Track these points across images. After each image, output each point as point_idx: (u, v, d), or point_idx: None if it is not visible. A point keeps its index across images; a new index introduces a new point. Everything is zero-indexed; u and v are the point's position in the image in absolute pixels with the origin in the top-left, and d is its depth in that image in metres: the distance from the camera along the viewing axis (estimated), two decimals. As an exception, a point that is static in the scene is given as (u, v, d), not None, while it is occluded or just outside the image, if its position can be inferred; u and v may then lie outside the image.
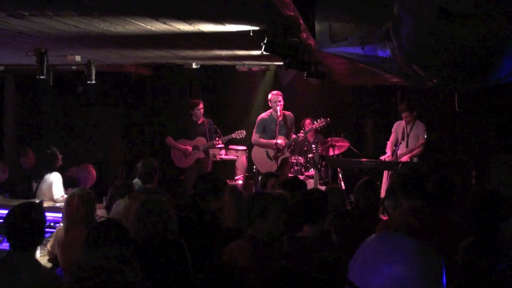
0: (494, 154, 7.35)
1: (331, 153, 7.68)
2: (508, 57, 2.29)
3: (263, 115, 7.49)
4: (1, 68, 7.59)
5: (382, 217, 4.62)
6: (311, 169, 7.48)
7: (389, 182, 7.07)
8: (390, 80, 6.76)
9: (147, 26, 4.01)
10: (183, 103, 8.59)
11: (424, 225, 3.24)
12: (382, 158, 7.39)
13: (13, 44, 4.98)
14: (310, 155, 7.48)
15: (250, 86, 9.03)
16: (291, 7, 3.01)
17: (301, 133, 7.39)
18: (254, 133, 7.45)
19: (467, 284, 2.79)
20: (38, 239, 2.97)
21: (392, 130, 7.46)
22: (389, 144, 7.44)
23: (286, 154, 7.38)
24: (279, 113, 7.21)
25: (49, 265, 3.82)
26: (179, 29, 4.13)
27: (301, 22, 3.40)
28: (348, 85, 8.58)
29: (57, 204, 5.68)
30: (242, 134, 7.66)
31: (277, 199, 3.13)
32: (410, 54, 2.75)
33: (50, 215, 4.58)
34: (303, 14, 3.30)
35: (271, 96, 7.38)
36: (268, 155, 7.36)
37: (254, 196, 3.19)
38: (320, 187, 6.64)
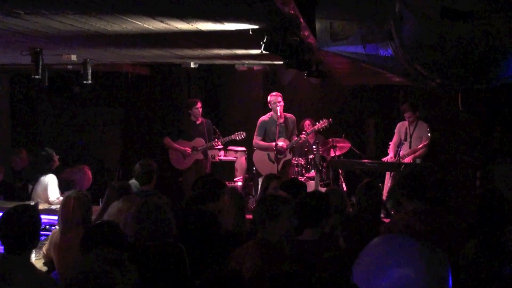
0: (499, 155, 7.35)
1: (332, 154, 7.68)
2: (512, 56, 2.29)
3: (264, 118, 7.49)
4: (-5, 67, 7.60)
5: (384, 219, 4.63)
6: (312, 170, 7.48)
7: (391, 183, 7.07)
8: (392, 79, 6.76)
9: (145, 25, 4.01)
10: (181, 103, 8.59)
11: (427, 227, 3.25)
12: (384, 159, 7.38)
13: (7, 43, 4.98)
14: (311, 156, 7.47)
15: (250, 86, 9.03)
16: (291, 5, 3.01)
17: (303, 134, 7.38)
18: (255, 136, 7.44)
19: (472, 287, 2.80)
20: (33, 242, 2.97)
21: (395, 131, 7.45)
22: (391, 145, 7.43)
23: (288, 156, 7.37)
24: (279, 114, 7.21)
25: (44, 268, 3.81)
26: (177, 27, 4.14)
27: (301, 20, 3.40)
28: (349, 84, 8.59)
29: (52, 206, 5.67)
30: (242, 135, 7.66)
31: (289, 202, 3.14)
32: (413, 53, 2.75)
33: (45, 218, 4.58)
34: (304, 12, 3.30)
35: (271, 97, 7.38)
36: (269, 158, 7.35)
37: (266, 198, 3.20)
38: (321, 189, 6.63)
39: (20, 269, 2.80)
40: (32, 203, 4.88)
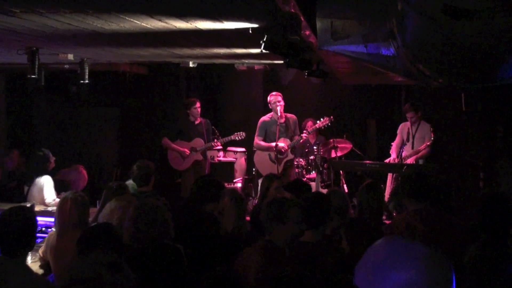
0: (503, 156, 7.34)
1: (333, 155, 7.66)
2: (516, 55, 2.29)
3: (264, 118, 7.48)
4: (-9, 67, 7.60)
5: (386, 221, 4.62)
6: (313, 171, 7.47)
7: (393, 185, 7.07)
8: (394, 79, 6.76)
9: (142, 24, 4.00)
10: (180, 103, 8.58)
11: (428, 228, 3.25)
12: (387, 161, 7.38)
13: (3, 42, 4.98)
14: (312, 157, 7.47)
15: (250, 86, 9.03)
16: (292, 4, 3.01)
17: (304, 133, 7.37)
18: (255, 136, 7.44)
19: (475, 290, 2.80)
20: (29, 245, 2.96)
21: (397, 132, 7.45)
22: (393, 146, 7.43)
23: (290, 156, 7.36)
24: (279, 113, 7.21)
25: (40, 271, 3.81)
26: (176, 26, 4.13)
27: (302, 19, 3.40)
28: (350, 84, 8.58)
29: (48, 208, 5.67)
30: (242, 136, 7.65)
31: (299, 206, 3.14)
32: (415, 52, 2.75)
33: (41, 220, 4.58)
34: (304, 11, 3.30)
35: (271, 97, 7.38)
36: (270, 158, 7.35)
37: (276, 200, 3.20)
38: (322, 190, 6.63)
39: (15, 272, 2.79)
40: (28, 205, 4.87)
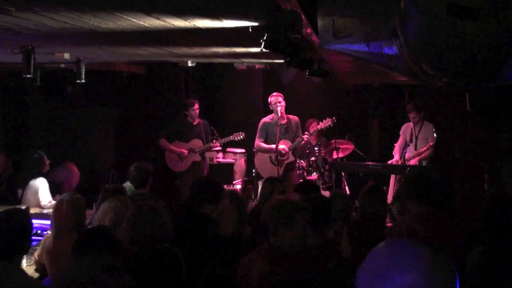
0: (508, 158, 7.35)
1: (335, 156, 7.67)
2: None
3: (265, 119, 7.48)
4: (-15, 66, 7.59)
5: (389, 224, 4.62)
6: (314, 173, 7.46)
7: (396, 187, 7.07)
8: (397, 78, 6.76)
9: (140, 22, 4.01)
10: (178, 104, 8.59)
11: (429, 231, 3.25)
12: (389, 162, 7.37)
13: (-2, 41, 4.98)
14: (313, 158, 7.46)
15: (249, 85, 9.03)
16: (293, 2, 3.01)
17: (305, 134, 7.37)
18: (256, 138, 7.43)
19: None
20: (24, 248, 2.96)
21: (400, 133, 7.45)
22: (396, 147, 7.42)
23: (291, 158, 7.35)
24: (280, 114, 7.21)
25: (36, 275, 3.81)
26: (174, 25, 4.14)
27: (303, 17, 3.40)
28: (352, 84, 8.58)
29: (44, 210, 5.67)
30: (241, 136, 7.65)
31: (306, 209, 3.14)
32: (418, 51, 2.75)
33: (37, 222, 4.58)
34: (305, 9, 3.30)
35: (271, 98, 7.38)
36: (271, 160, 7.34)
37: (282, 203, 3.19)
38: (323, 193, 6.63)
39: (10, 275, 2.79)
40: (23, 207, 4.87)
